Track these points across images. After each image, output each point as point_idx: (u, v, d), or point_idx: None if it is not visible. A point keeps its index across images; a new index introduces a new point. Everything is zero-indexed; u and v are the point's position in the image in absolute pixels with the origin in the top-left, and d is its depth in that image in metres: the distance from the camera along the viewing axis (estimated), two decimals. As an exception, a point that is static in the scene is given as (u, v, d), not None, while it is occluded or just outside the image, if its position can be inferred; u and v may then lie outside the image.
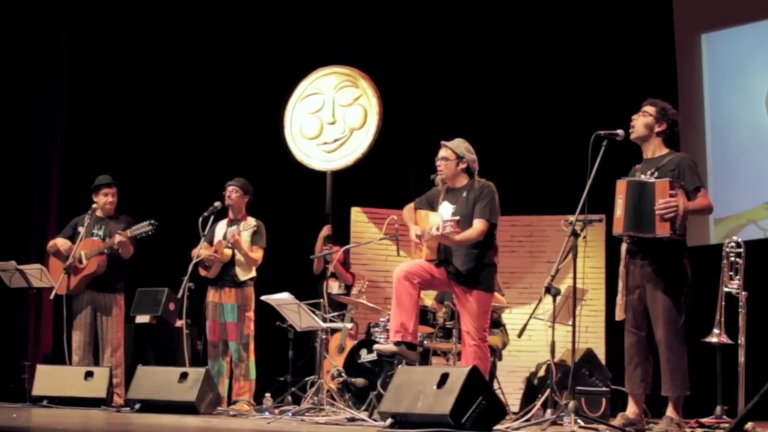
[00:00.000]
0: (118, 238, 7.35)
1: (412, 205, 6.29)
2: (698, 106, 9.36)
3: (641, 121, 5.51)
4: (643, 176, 5.42)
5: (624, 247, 5.52)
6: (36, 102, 9.46)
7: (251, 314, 7.56)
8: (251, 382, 7.52)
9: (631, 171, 5.57)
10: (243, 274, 7.53)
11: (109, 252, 7.48)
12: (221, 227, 7.66)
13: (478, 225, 5.85)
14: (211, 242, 7.58)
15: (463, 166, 6.06)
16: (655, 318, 5.34)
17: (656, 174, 5.38)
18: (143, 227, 7.38)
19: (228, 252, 7.49)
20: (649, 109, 5.52)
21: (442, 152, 6.10)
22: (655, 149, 5.52)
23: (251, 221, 7.53)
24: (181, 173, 9.80)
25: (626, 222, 5.33)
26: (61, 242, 7.64)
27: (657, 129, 5.50)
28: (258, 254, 7.56)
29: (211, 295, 7.59)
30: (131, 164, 9.36)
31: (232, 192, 7.63)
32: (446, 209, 6.01)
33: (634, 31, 9.67)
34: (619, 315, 5.53)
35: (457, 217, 5.76)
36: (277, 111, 9.56)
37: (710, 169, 9.13)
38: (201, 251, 7.42)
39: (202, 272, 7.55)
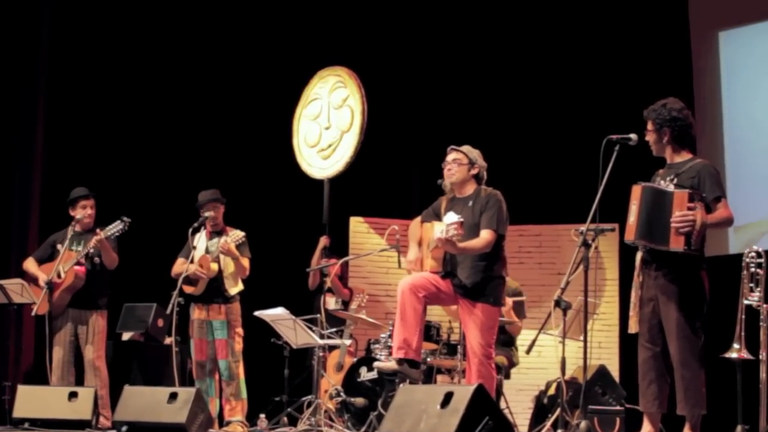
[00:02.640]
0: (94, 239, 7.37)
1: (418, 219, 6.28)
2: (715, 107, 9.34)
3: (650, 140, 5.56)
4: (663, 182, 5.43)
5: (639, 255, 5.52)
6: (16, 110, 9.45)
7: (240, 330, 7.56)
8: (243, 402, 7.51)
9: (653, 176, 5.58)
10: (232, 289, 7.53)
11: (90, 263, 7.50)
12: (201, 242, 7.62)
13: (486, 235, 5.86)
14: (192, 258, 7.55)
15: (474, 171, 6.08)
16: (668, 333, 5.34)
17: (675, 180, 5.39)
18: (116, 225, 7.40)
19: (215, 267, 7.47)
20: (649, 125, 5.56)
21: (454, 155, 6.10)
22: (672, 155, 5.54)
23: (238, 232, 7.49)
24: (168, 185, 9.75)
25: (639, 230, 5.33)
26: (32, 267, 7.67)
27: (664, 140, 5.52)
28: (246, 263, 7.57)
29: (197, 313, 7.56)
30: (117, 176, 9.36)
31: (216, 209, 7.61)
32: (451, 220, 6.00)
33: (648, 30, 9.64)
34: (632, 328, 5.52)
35: (461, 219, 5.74)
36: (271, 117, 9.55)
37: (728, 174, 9.09)
38: (189, 266, 7.41)
39: (188, 289, 7.51)
